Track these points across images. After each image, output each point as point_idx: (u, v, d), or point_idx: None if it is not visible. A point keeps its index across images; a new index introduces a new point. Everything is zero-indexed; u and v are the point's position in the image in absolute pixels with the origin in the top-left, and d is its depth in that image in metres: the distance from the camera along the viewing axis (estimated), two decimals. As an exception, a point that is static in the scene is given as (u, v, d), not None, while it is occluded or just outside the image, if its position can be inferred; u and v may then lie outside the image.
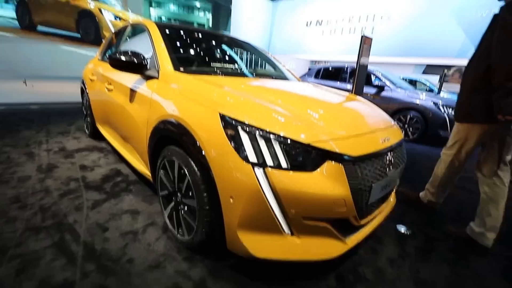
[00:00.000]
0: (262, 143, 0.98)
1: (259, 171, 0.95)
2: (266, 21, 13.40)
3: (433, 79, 9.92)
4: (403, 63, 11.65)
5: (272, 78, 2.00)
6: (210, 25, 29.63)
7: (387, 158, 1.21)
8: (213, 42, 2.21)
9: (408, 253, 1.52)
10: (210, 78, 1.49)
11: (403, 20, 9.64)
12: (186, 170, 1.17)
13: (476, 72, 1.54)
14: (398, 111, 4.46)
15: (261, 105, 1.13)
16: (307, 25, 12.23)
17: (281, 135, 0.98)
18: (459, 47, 8.61)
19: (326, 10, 11.68)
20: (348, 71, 5.37)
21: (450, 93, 7.24)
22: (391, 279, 1.29)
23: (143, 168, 1.69)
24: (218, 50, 2.22)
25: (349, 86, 5.07)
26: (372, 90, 4.72)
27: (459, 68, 11.35)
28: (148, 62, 1.61)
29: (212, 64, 1.97)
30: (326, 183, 0.96)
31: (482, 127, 1.60)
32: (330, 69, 5.67)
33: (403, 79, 6.11)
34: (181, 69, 1.52)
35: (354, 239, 1.13)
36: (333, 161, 0.99)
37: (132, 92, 1.70)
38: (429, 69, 12.10)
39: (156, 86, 1.49)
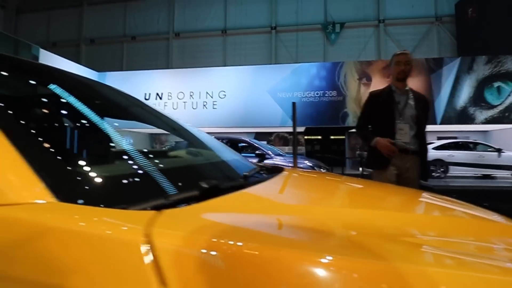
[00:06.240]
0: None
1: None
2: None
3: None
4: (239, 132, 13.32)
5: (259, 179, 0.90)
6: None
7: None
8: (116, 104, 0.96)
9: None
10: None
11: (235, 97, 11.25)
12: None
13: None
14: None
15: None
16: (145, 97, 11.53)
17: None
18: (280, 118, 10.99)
19: (166, 84, 11.68)
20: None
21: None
22: None
23: None
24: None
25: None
26: (255, 159, 4.59)
27: (277, 134, 14.40)
28: None
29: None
30: None
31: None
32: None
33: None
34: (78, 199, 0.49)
35: None
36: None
37: None
38: (258, 135, 14.59)
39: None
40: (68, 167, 0.56)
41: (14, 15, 15.41)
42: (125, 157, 0.59)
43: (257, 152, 4.74)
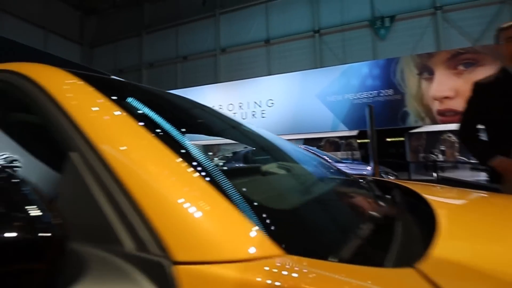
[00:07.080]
0: None
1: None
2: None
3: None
4: (288, 139, 13.26)
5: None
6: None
7: None
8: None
9: None
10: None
11: (283, 105, 11.26)
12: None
13: None
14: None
15: None
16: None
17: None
18: (331, 123, 10.64)
19: (216, 98, 12.30)
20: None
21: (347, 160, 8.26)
22: None
23: None
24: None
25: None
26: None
27: (327, 139, 13.93)
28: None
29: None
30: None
31: None
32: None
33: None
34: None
35: None
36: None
37: None
38: (307, 141, 14.35)
39: None
40: (286, 208, 0.45)
41: (88, 49, 18.07)
42: (319, 193, 0.48)
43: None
